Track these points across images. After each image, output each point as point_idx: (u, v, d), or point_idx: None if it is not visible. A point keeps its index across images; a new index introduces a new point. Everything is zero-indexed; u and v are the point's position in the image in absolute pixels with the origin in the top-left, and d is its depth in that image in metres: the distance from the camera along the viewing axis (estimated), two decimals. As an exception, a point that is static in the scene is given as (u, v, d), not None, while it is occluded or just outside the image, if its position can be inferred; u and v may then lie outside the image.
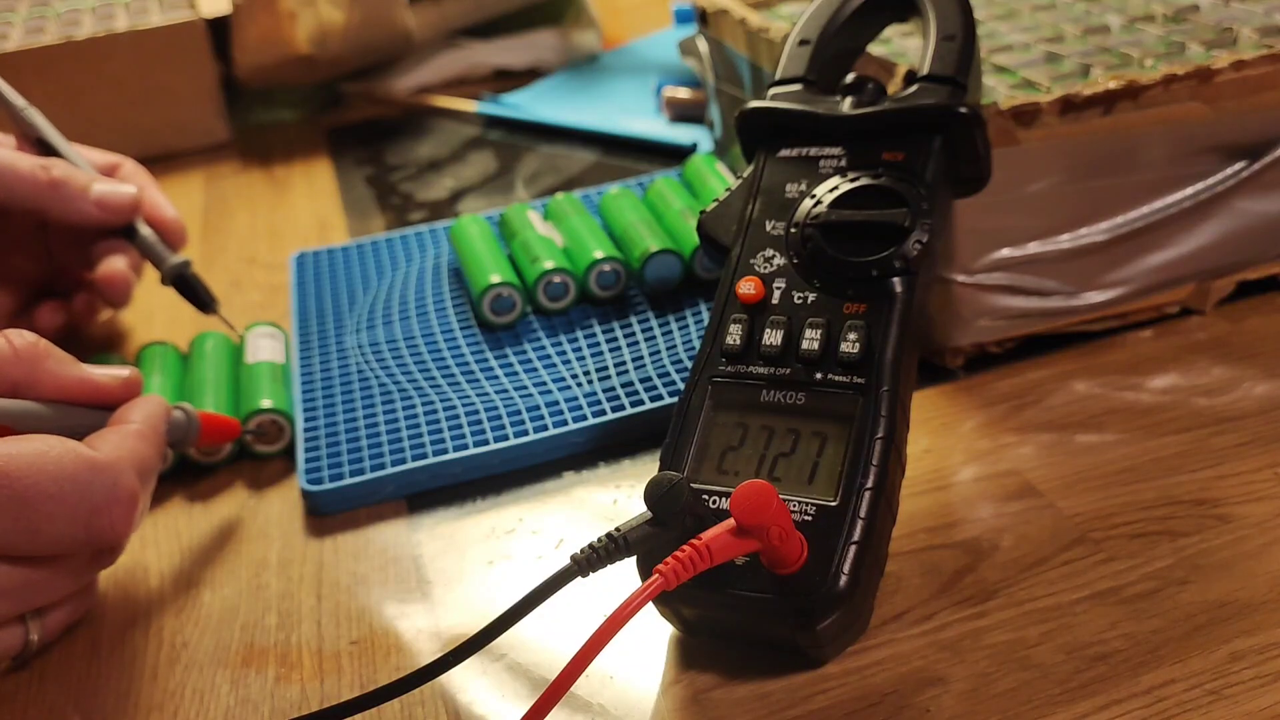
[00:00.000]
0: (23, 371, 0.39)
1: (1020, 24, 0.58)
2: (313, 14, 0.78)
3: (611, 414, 0.47)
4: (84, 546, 0.37)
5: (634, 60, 0.89)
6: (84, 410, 0.41)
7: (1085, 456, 0.43)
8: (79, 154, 0.56)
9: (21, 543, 0.36)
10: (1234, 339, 0.48)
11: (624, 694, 0.35)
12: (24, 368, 0.39)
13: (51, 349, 0.40)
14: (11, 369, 0.39)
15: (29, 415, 0.39)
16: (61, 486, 0.36)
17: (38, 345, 0.40)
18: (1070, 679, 0.34)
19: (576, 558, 0.34)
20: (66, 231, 0.56)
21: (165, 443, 0.42)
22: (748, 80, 0.58)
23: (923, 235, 0.38)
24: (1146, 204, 0.48)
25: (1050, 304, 0.48)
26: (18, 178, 0.52)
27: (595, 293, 0.54)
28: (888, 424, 0.36)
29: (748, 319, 0.39)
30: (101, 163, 0.57)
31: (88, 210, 0.53)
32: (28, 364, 0.39)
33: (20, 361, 0.39)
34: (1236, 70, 0.47)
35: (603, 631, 0.31)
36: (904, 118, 0.40)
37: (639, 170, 0.71)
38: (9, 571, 0.36)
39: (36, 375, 0.39)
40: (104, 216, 0.54)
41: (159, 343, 0.54)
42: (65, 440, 0.37)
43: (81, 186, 0.53)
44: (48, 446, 0.36)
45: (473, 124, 0.81)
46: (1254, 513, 0.39)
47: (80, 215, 0.53)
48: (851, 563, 0.34)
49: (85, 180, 0.54)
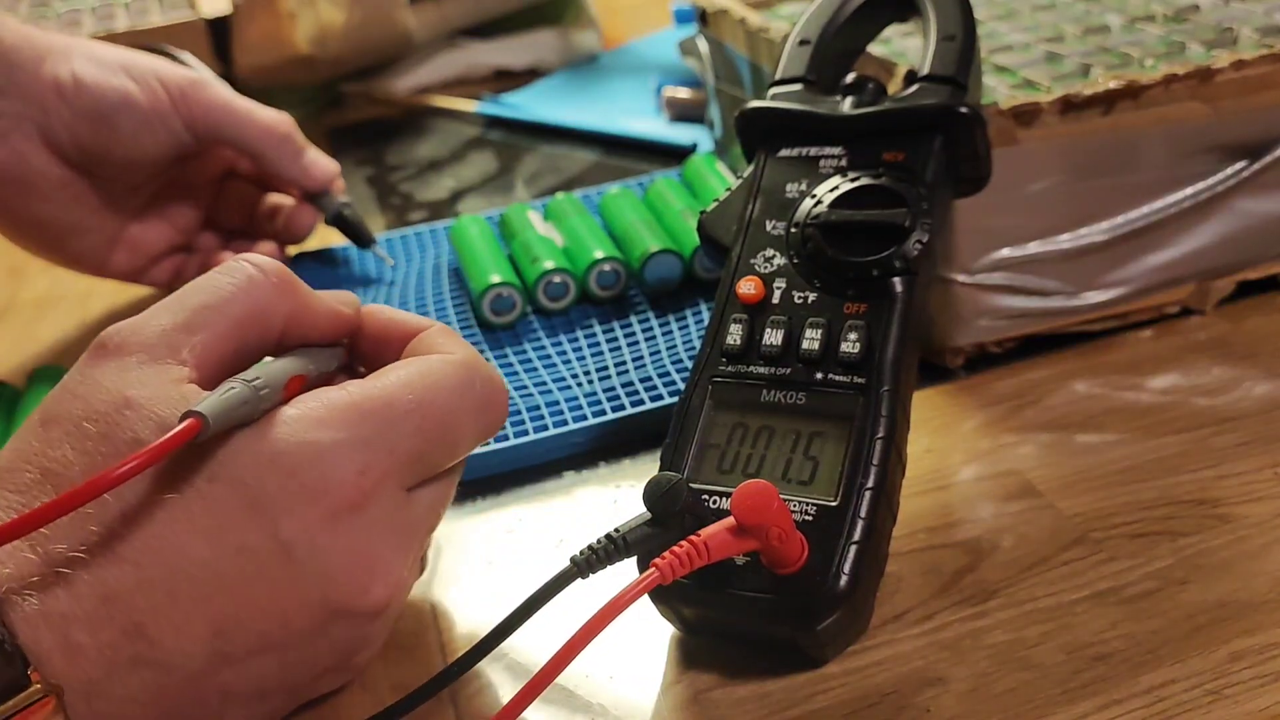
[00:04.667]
0: (290, 304, 0.36)
1: (1020, 24, 0.58)
2: (313, 14, 0.78)
3: (611, 414, 0.47)
4: (480, 442, 0.37)
5: (634, 60, 0.89)
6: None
7: (1085, 456, 0.43)
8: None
9: (446, 459, 0.35)
10: (1234, 339, 0.48)
11: (624, 694, 0.35)
12: (289, 300, 0.36)
13: (296, 278, 0.37)
14: (280, 303, 0.36)
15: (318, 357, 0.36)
16: (461, 398, 0.35)
17: (287, 273, 0.36)
18: (1070, 679, 0.34)
19: (576, 559, 0.34)
20: (249, 176, 0.60)
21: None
22: (748, 80, 0.58)
23: (923, 235, 0.38)
24: (1146, 204, 0.48)
25: (1050, 304, 0.48)
26: (255, 124, 0.56)
27: (595, 293, 0.54)
28: (888, 424, 0.36)
29: (748, 319, 0.39)
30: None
31: (296, 171, 0.57)
32: (290, 296, 0.36)
33: (284, 295, 0.36)
34: (1236, 70, 0.47)
35: (596, 621, 0.31)
36: (904, 118, 0.40)
37: (639, 170, 0.71)
38: (436, 489, 0.36)
39: (302, 307, 0.36)
40: (306, 179, 0.58)
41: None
42: (430, 357, 0.35)
43: (300, 147, 0.57)
44: (428, 366, 0.35)
45: (473, 124, 0.81)
46: (1254, 513, 0.39)
47: (290, 173, 0.57)
48: (852, 563, 0.34)
49: (303, 142, 0.58)
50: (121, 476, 0.29)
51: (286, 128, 0.57)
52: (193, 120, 0.55)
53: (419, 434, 0.34)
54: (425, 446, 0.34)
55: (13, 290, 0.66)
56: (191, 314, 0.34)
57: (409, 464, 0.34)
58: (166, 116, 0.54)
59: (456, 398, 0.35)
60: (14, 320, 0.63)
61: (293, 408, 0.32)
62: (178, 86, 0.54)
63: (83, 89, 0.53)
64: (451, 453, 0.36)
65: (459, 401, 0.35)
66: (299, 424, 0.32)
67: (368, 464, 0.32)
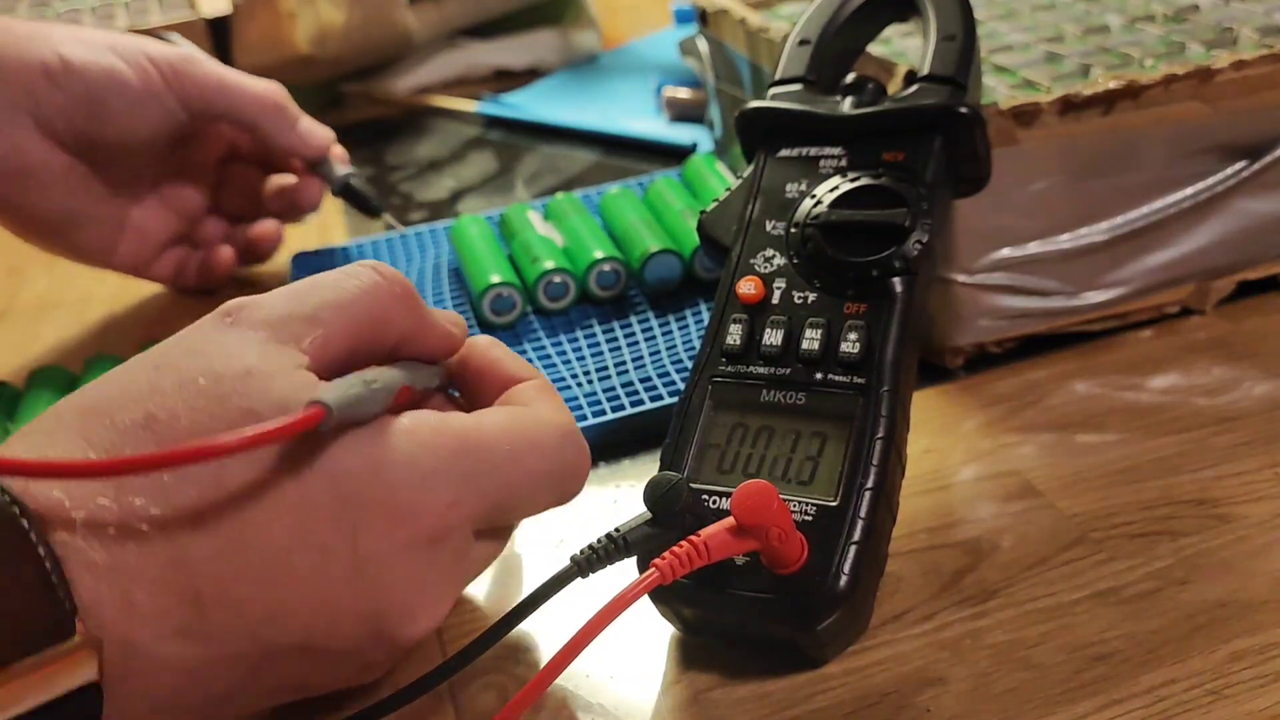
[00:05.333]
0: (408, 317, 0.36)
1: (1020, 24, 0.58)
2: (313, 14, 0.78)
3: (611, 414, 0.47)
4: (551, 508, 0.37)
5: (634, 60, 0.89)
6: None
7: (1085, 456, 0.43)
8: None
9: (517, 515, 0.36)
10: (1234, 339, 0.48)
11: (624, 694, 0.35)
12: (408, 312, 0.36)
13: (416, 292, 0.36)
14: (399, 313, 0.35)
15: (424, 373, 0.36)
16: (551, 462, 0.35)
17: (409, 285, 0.36)
18: (1070, 679, 0.34)
19: (576, 558, 0.34)
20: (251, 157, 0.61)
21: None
22: (748, 80, 0.58)
23: (923, 235, 0.38)
24: (1146, 204, 0.48)
25: (1050, 304, 0.48)
26: (247, 96, 0.56)
27: (595, 293, 0.54)
28: (888, 424, 0.36)
29: (748, 319, 0.39)
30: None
31: (292, 139, 0.58)
32: (409, 309, 0.36)
33: (404, 306, 0.35)
34: (1236, 70, 0.47)
35: (596, 621, 0.31)
36: (904, 118, 0.40)
37: (639, 170, 0.71)
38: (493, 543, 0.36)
39: (418, 321, 0.36)
40: (303, 148, 0.58)
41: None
42: (536, 412, 0.35)
43: (294, 116, 0.58)
44: (532, 421, 0.35)
45: (473, 124, 0.81)
46: (1254, 513, 0.39)
47: (286, 142, 0.57)
48: (852, 563, 0.34)
49: (297, 111, 0.58)
50: (235, 447, 0.28)
51: (279, 97, 0.57)
52: (185, 97, 0.54)
53: (507, 486, 0.34)
54: (507, 499, 0.34)
55: (13, 290, 0.66)
56: (315, 308, 0.33)
57: (488, 511, 0.34)
58: (159, 94, 0.54)
59: (547, 461, 0.35)
60: (14, 320, 0.63)
61: (406, 419, 0.32)
62: (168, 63, 0.54)
63: (71, 71, 0.52)
64: (524, 511, 0.36)
65: (548, 465, 0.35)
66: (409, 440, 0.32)
67: (458, 499, 0.32)
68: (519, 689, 0.31)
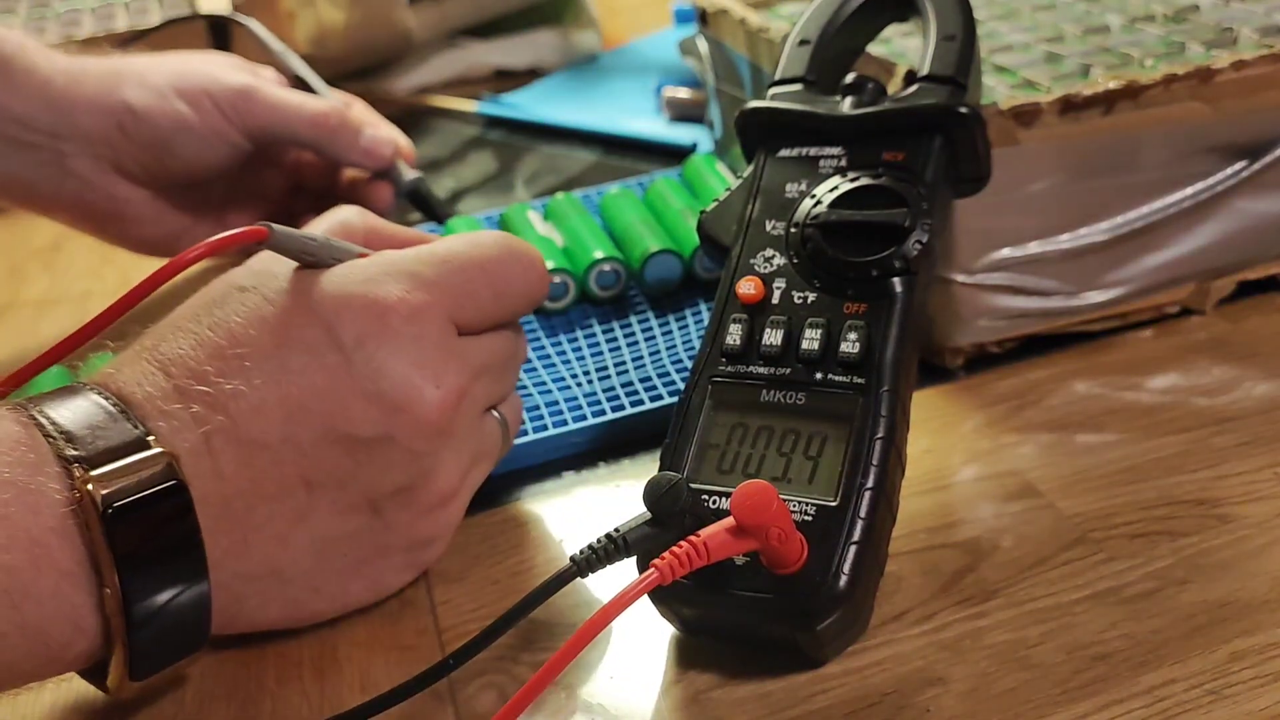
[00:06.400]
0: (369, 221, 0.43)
1: (1020, 24, 0.58)
2: (313, 14, 0.78)
3: (611, 414, 0.47)
4: (528, 306, 0.41)
5: (634, 60, 0.89)
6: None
7: (1085, 456, 0.43)
8: (330, 92, 0.64)
9: (494, 304, 0.40)
10: (1234, 339, 0.48)
11: (624, 694, 0.35)
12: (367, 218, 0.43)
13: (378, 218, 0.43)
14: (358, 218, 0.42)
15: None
16: (500, 250, 0.40)
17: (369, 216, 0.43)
18: (1070, 679, 0.34)
19: (576, 558, 0.34)
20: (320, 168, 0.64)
21: None
22: (748, 80, 0.58)
23: (923, 235, 0.38)
24: (1146, 204, 0.48)
25: (1050, 304, 0.48)
26: (305, 121, 0.59)
27: (595, 293, 0.54)
28: (888, 424, 0.36)
29: (748, 319, 0.39)
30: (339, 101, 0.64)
31: (355, 156, 0.61)
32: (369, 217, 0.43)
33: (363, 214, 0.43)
34: (1236, 70, 0.47)
35: (596, 621, 0.31)
36: (904, 118, 0.40)
37: (639, 170, 0.71)
38: (495, 336, 0.40)
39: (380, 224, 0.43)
40: (368, 161, 0.61)
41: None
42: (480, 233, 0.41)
43: (355, 131, 0.60)
44: (479, 237, 0.40)
45: (473, 124, 0.81)
46: (1254, 513, 0.39)
47: (348, 160, 0.61)
48: (851, 563, 0.34)
49: (358, 125, 0.61)
50: (196, 256, 0.36)
51: (338, 118, 0.60)
52: (247, 130, 0.58)
53: (460, 273, 0.39)
54: (470, 285, 0.39)
55: (13, 290, 0.66)
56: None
57: (456, 298, 0.38)
58: (222, 130, 0.58)
59: (497, 250, 0.40)
60: (14, 320, 0.63)
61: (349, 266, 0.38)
62: (229, 101, 0.58)
63: (140, 119, 0.57)
64: (499, 300, 0.40)
65: (500, 254, 0.40)
66: (354, 268, 0.38)
67: (410, 288, 0.37)
68: (518, 689, 0.31)
